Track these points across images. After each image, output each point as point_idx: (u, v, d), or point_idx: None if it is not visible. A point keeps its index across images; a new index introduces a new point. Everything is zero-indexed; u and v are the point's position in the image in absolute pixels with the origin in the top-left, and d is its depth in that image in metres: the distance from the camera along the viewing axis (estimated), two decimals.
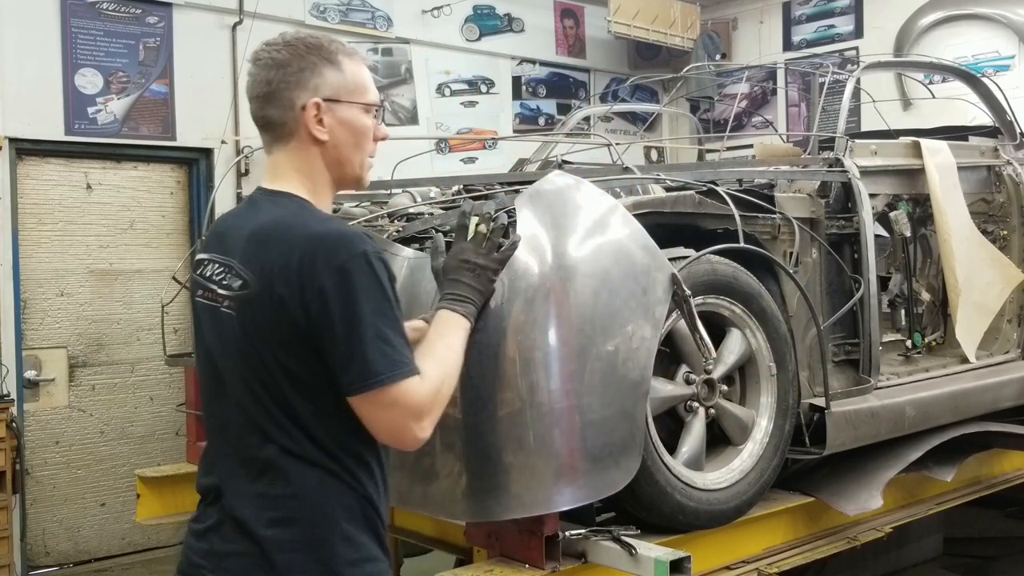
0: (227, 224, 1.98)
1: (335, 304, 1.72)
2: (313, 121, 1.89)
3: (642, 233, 2.75)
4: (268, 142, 1.96)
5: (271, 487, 1.81)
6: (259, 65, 1.91)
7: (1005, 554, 5.59)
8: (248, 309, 1.81)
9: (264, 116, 1.92)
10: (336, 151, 1.93)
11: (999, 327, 4.38)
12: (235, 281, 1.83)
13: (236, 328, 1.82)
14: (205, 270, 1.93)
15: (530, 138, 7.02)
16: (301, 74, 1.88)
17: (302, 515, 1.80)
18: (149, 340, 6.20)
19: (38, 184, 5.94)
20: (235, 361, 1.84)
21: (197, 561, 1.87)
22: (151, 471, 4.41)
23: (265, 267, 1.78)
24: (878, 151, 3.99)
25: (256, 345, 1.80)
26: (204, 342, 1.93)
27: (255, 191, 1.98)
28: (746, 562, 3.21)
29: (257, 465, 1.83)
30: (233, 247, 1.87)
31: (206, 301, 1.91)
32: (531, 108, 8.41)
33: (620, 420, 2.62)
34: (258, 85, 1.91)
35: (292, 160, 1.93)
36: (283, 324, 1.76)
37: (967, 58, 7.22)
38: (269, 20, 6.65)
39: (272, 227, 1.83)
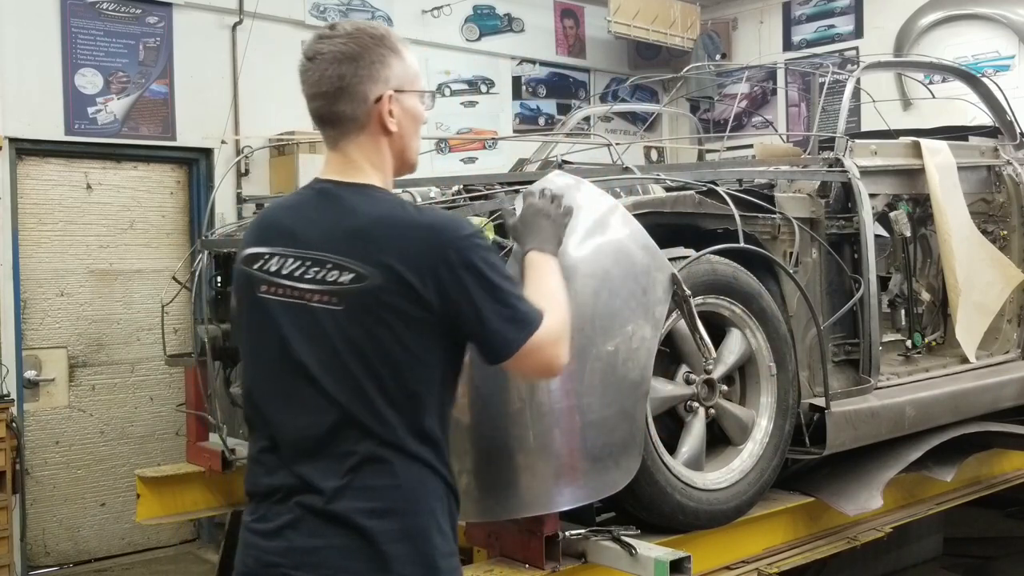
0: (293, 217, 1.93)
1: (472, 284, 1.80)
2: (386, 113, 1.91)
3: (642, 233, 2.75)
4: (334, 137, 1.95)
5: (372, 479, 1.81)
6: (325, 60, 1.88)
7: (1005, 554, 5.59)
8: (367, 301, 1.79)
9: (334, 112, 1.90)
10: (401, 140, 1.96)
11: (999, 327, 4.38)
12: (342, 275, 1.81)
13: (343, 322, 1.81)
14: (267, 264, 1.90)
15: (530, 138, 7.02)
16: (372, 67, 1.88)
17: (405, 506, 1.82)
18: (149, 340, 6.20)
19: (38, 184, 5.94)
20: (332, 356, 1.82)
21: (273, 560, 1.83)
22: (151, 471, 4.42)
23: (387, 259, 1.79)
24: (878, 151, 3.99)
25: (374, 336, 1.80)
26: (275, 338, 1.88)
27: (323, 183, 1.94)
28: (746, 562, 3.21)
29: (354, 459, 1.81)
30: (319, 241, 1.85)
31: (278, 297, 1.87)
32: (531, 108, 8.41)
33: (620, 420, 2.63)
34: (326, 81, 1.88)
35: (363, 152, 1.93)
36: (413, 310, 1.79)
37: (967, 58, 7.22)
38: (269, 20, 6.66)
39: (380, 221, 1.84)
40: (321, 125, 1.95)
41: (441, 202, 3.41)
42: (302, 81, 1.93)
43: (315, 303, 1.83)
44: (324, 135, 1.96)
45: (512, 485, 2.56)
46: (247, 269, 1.94)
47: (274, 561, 1.84)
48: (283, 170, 6.50)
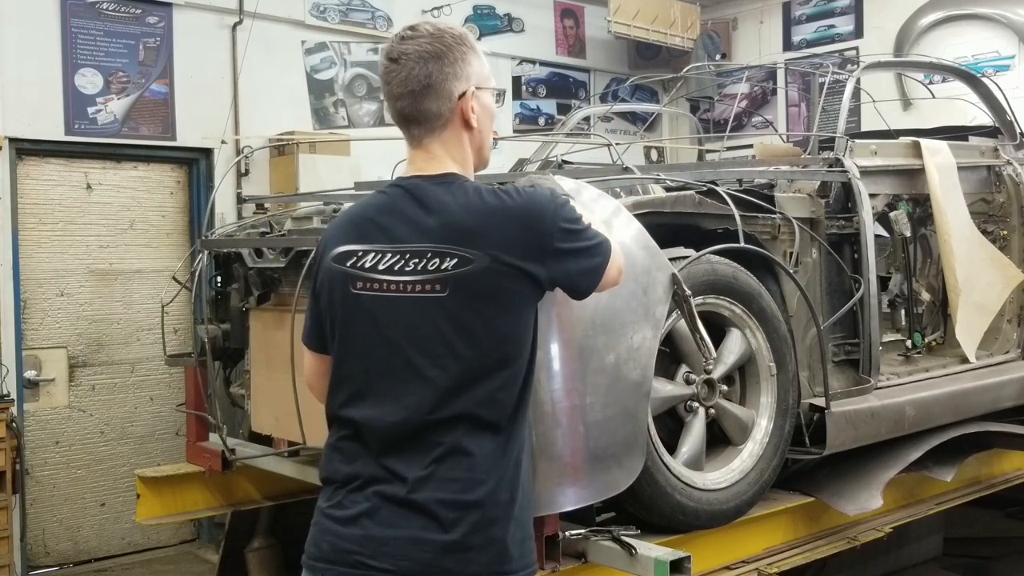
0: (383, 214, 1.97)
1: (570, 255, 1.94)
2: (469, 109, 1.98)
3: (642, 233, 2.74)
4: (418, 135, 2.00)
5: (454, 470, 1.85)
6: (410, 59, 1.93)
7: (1005, 554, 5.59)
8: (471, 283, 1.86)
9: (420, 109, 1.96)
10: (480, 136, 2.04)
11: (999, 327, 4.38)
12: (444, 261, 1.86)
13: (449, 307, 1.87)
14: (361, 261, 1.93)
15: (530, 138, 7.02)
16: (456, 65, 1.95)
17: (484, 497, 1.85)
18: (149, 340, 6.21)
19: (38, 184, 5.94)
20: (438, 344, 1.87)
21: (348, 547, 1.86)
22: (151, 471, 4.41)
23: (486, 246, 1.86)
24: (878, 151, 3.99)
25: (479, 314, 1.87)
26: (370, 334, 1.92)
27: (410, 180, 1.99)
28: (746, 562, 3.21)
29: (440, 449, 1.86)
30: (415, 235, 1.90)
31: (375, 292, 1.91)
32: (531, 108, 8.41)
33: (622, 420, 2.63)
34: (413, 80, 1.93)
35: (447, 147, 2.00)
36: (519, 287, 1.89)
37: (967, 58, 7.21)
38: (269, 20, 6.66)
39: (475, 211, 1.91)
40: (406, 124, 2.01)
41: None
42: (385, 82, 1.99)
43: (418, 293, 1.88)
44: (408, 134, 2.02)
45: None
46: (339, 267, 1.96)
47: (351, 548, 1.87)
48: (283, 170, 6.50)
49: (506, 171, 5.58)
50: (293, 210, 4.02)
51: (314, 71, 7.05)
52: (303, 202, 4.24)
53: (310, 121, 7.00)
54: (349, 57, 7.24)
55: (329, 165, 6.31)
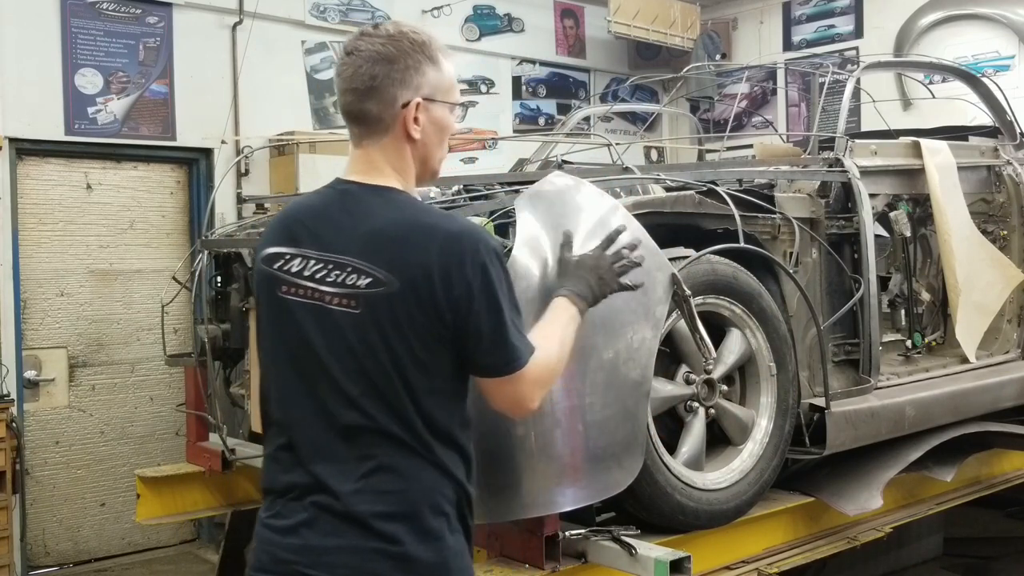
0: (315, 218, 1.93)
1: (482, 297, 1.82)
2: (411, 119, 1.92)
3: (642, 233, 2.74)
4: (358, 135, 1.96)
5: (387, 484, 1.83)
6: (361, 57, 1.89)
7: (1005, 554, 5.59)
8: (383, 306, 1.81)
9: (362, 109, 1.91)
10: (424, 148, 1.97)
11: (999, 327, 4.37)
12: (360, 279, 1.82)
13: (360, 325, 1.82)
14: (288, 265, 1.90)
15: (530, 138, 7.02)
16: (406, 72, 1.90)
17: (417, 509, 1.84)
18: (149, 340, 6.20)
19: (38, 184, 5.94)
20: (351, 358, 1.84)
21: (286, 557, 1.85)
22: (151, 471, 4.41)
23: (405, 265, 1.81)
24: (878, 151, 3.99)
25: (389, 341, 1.81)
26: (294, 339, 1.89)
27: (345, 184, 1.95)
28: (746, 562, 3.21)
29: (371, 463, 1.84)
30: (340, 244, 1.86)
31: (299, 298, 1.88)
32: (531, 108, 8.41)
33: (622, 420, 2.63)
34: (359, 78, 1.89)
35: (386, 154, 1.94)
36: (427, 318, 1.81)
37: (967, 58, 7.21)
38: (269, 20, 6.65)
39: (400, 226, 1.85)
40: (349, 121, 1.97)
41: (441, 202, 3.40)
42: (337, 75, 1.95)
43: (334, 305, 1.85)
44: (350, 132, 1.97)
45: (514, 486, 2.56)
46: (268, 268, 1.94)
47: (288, 558, 1.85)
48: (283, 170, 6.50)
49: (506, 171, 5.59)
50: None
51: (314, 71, 7.05)
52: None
53: (310, 121, 7.00)
54: None
55: (329, 165, 6.30)
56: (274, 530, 1.89)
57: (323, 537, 1.83)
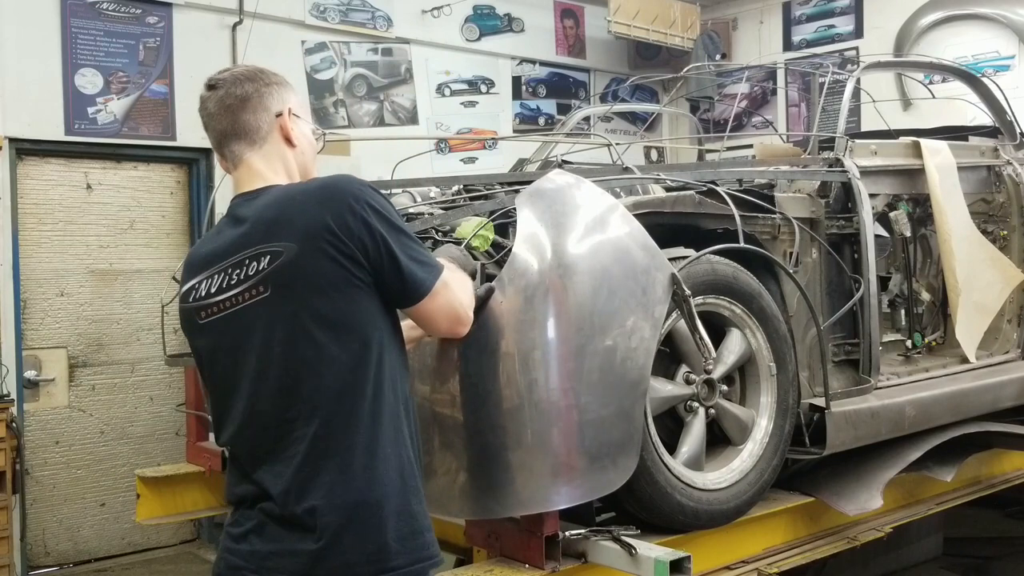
0: (210, 243, 2.02)
1: (380, 227, 1.85)
2: (288, 126, 2.07)
3: (642, 233, 2.75)
4: (237, 153, 2.07)
5: (316, 476, 1.84)
6: (225, 84, 2.08)
7: (1005, 554, 5.59)
8: (288, 274, 1.84)
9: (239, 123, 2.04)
10: (303, 156, 2.13)
11: (999, 327, 4.37)
12: (260, 262, 1.86)
13: (272, 304, 1.85)
14: (198, 291, 1.97)
15: (530, 138, 7.02)
16: (271, 87, 2.10)
17: (351, 498, 1.84)
18: (149, 340, 6.20)
19: (38, 184, 5.94)
20: (269, 351, 1.86)
21: (237, 563, 1.90)
22: (151, 471, 4.42)
23: (295, 228, 1.84)
24: (878, 151, 3.99)
25: (301, 306, 1.83)
26: (220, 355, 1.95)
27: (231, 204, 2.06)
28: (746, 562, 3.21)
29: (298, 457, 1.85)
30: (234, 248, 1.92)
31: (214, 316, 1.93)
32: (531, 108, 8.41)
33: (618, 419, 2.62)
34: (230, 97, 2.05)
35: (269, 162, 2.08)
36: (338, 266, 1.83)
37: (967, 58, 7.21)
38: (269, 20, 6.66)
39: (278, 201, 1.92)
40: (226, 142, 2.04)
41: (441, 202, 3.41)
42: (203, 110, 2.06)
43: (246, 302, 1.88)
44: (230, 154, 2.05)
45: (509, 483, 2.56)
46: (185, 305, 2.01)
47: (238, 564, 1.91)
48: None
49: (506, 171, 5.59)
50: None
51: (314, 71, 7.05)
52: None
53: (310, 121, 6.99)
54: (349, 57, 7.24)
55: (329, 165, 6.27)
56: (230, 538, 1.95)
57: (266, 542, 1.87)
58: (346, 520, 1.83)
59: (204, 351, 2.00)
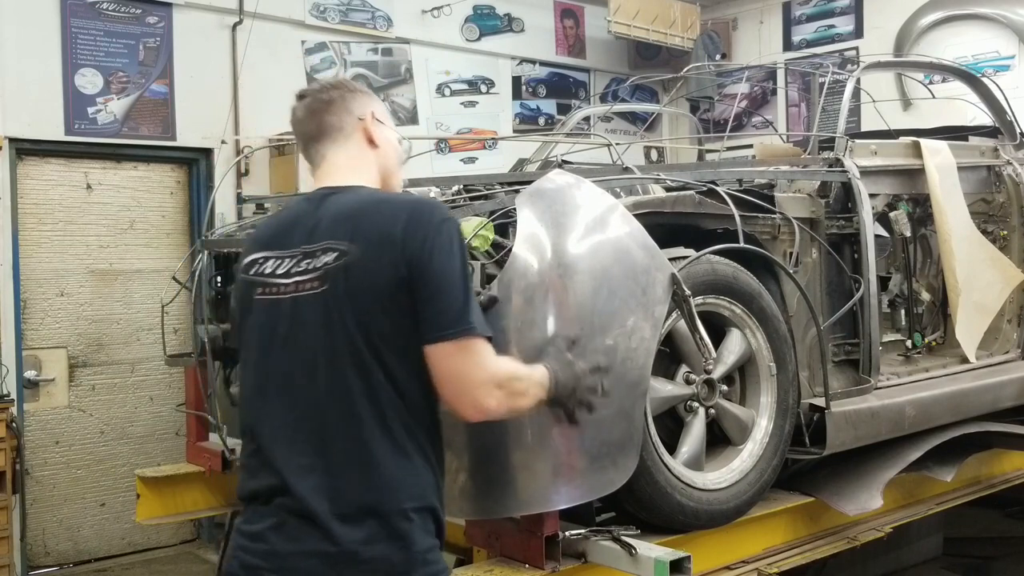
0: (285, 223, 2.03)
1: (437, 255, 1.86)
2: (371, 128, 2.11)
3: (642, 233, 2.75)
4: (321, 152, 2.10)
5: (350, 478, 1.84)
6: (313, 93, 2.11)
7: (1005, 554, 5.59)
8: (345, 275, 1.86)
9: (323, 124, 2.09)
10: (386, 159, 2.14)
11: (999, 327, 4.37)
12: (326, 256, 1.88)
13: (325, 302, 1.86)
14: (262, 267, 1.98)
15: (530, 138, 7.02)
16: (355, 94, 2.13)
17: (385, 504, 1.83)
18: (149, 340, 6.20)
19: (38, 184, 5.94)
20: (322, 345, 1.87)
21: (253, 562, 1.87)
22: (151, 471, 4.41)
23: (368, 233, 1.87)
24: (878, 151, 3.99)
25: (351, 311, 1.85)
26: (266, 338, 1.94)
27: (313, 192, 2.06)
28: (746, 562, 3.21)
29: (333, 455, 1.85)
30: (309, 236, 1.93)
31: (272, 296, 1.94)
32: (531, 108, 8.41)
33: (618, 420, 2.62)
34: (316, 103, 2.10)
35: (351, 160, 2.10)
36: (389, 281, 1.85)
37: (967, 58, 7.21)
38: (269, 20, 6.66)
39: (367, 202, 1.96)
40: (313, 144, 2.09)
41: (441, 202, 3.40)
42: (293, 117, 2.11)
43: (304, 291, 1.89)
44: (316, 154, 2.09)
45: (509, 483, 2.56)
46: (245, 276, 2.02)
47: (255, 564, 1.87)
48: (283, 170, 6.50)
49: (506, 171, 5.59)
50: None
51: (314, 71, 7.05)
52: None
53: None
54: (349, 57, 7.24)
55: None
56: (245, 536, 1.91)
57: (287, 541, 1.84)
58: (376, 525, 1.82)
59: (250, 327, 2.00)
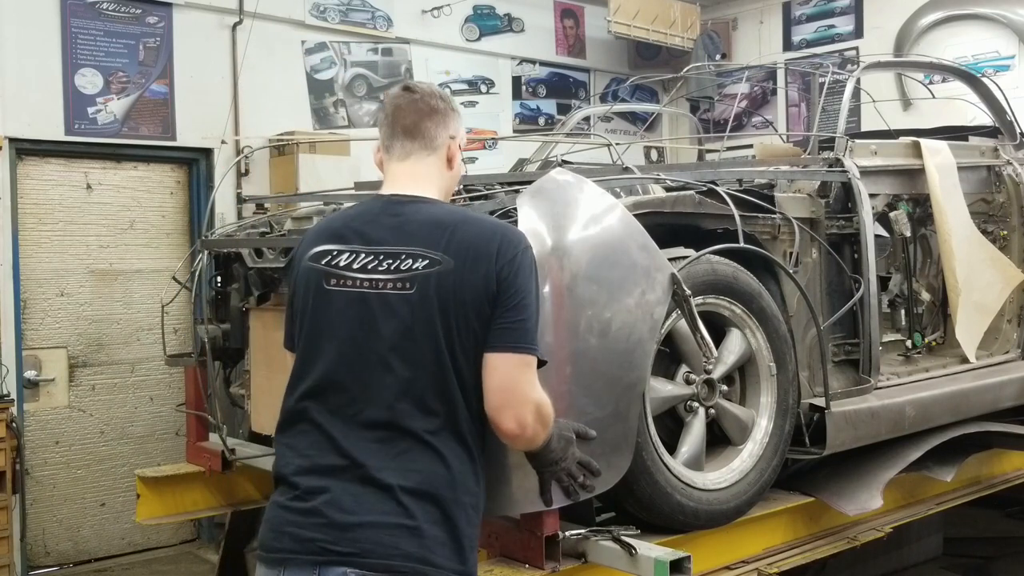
0: (362, 222, 2.10)
1: (522, 274, 2.02)
2: (456, 151, 2.27)
3: (642, 233, 2.75)
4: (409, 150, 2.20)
5: (419, 463, 1.94)
6: (424, 92, 2.22)
7: (1005, 554, 5.59)
8: (436, 283, 1.98)
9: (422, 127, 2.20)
10: (452, 182, 2.30)
11: (999, 327, 4.37)
12: (416, 262, 1.99)
13: (415, 305, 1.97)
14: (336, 260, 2.05)
15: (530, 138, 7.02)
16: (454, 114, 2.28)
17: (445, 492, 1.94)
18: (149, 340, 6.20)
19: (38, 184, 5.94)
20: (403, 338, 1.97)
21: (311, 535, 1.91)
22: (151, 471, 4.41)
23: (463, 247, 2.00)
24: (878, 151, 3.99)
25: (440, 316, 1.97)
26: (340, 328, 2.02)
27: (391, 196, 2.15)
28: (746, 562, 3.21)
29: (404, 442, 1.95)
30: (392, 239, 2.03)
31: (347, 288, 2.02)
32: (531, 108, 8.41)
33: (613, 421, 2.62)
34: (424, 104, 2.21)
35: (429, 171, 2.22)
36: (479, 292, 1.98)
37: (967, 58, 7.21)
38: (269, 20, 6.66)
39: (458, 216, 2.08)
40: (404, 136, 2.18)
41: None
42: (394, 106, 2.20)
43: (388, 290, 1.99)
44: (401, 148, 2.18)
45: (504, 482, 2.56)
46: (314, 265, 2.08)
47: (313, 536, 1.92)
48: (283, 170, 6.50)
49: (506, 171, 5.59)
50: (293, 210, 4.02)
51: (314, 71, 7.06)
52: (303, 202, 4.24)
53: (310, 121, 7.00)
54: (349, 57, 7.24)
55: (329, 165, 6.32)
56: (293, 511, 1.96)
57: (346, 514, 1.90)
58: (439, 512, 1.93)
59: (318, 313, 2.05)
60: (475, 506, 2.03)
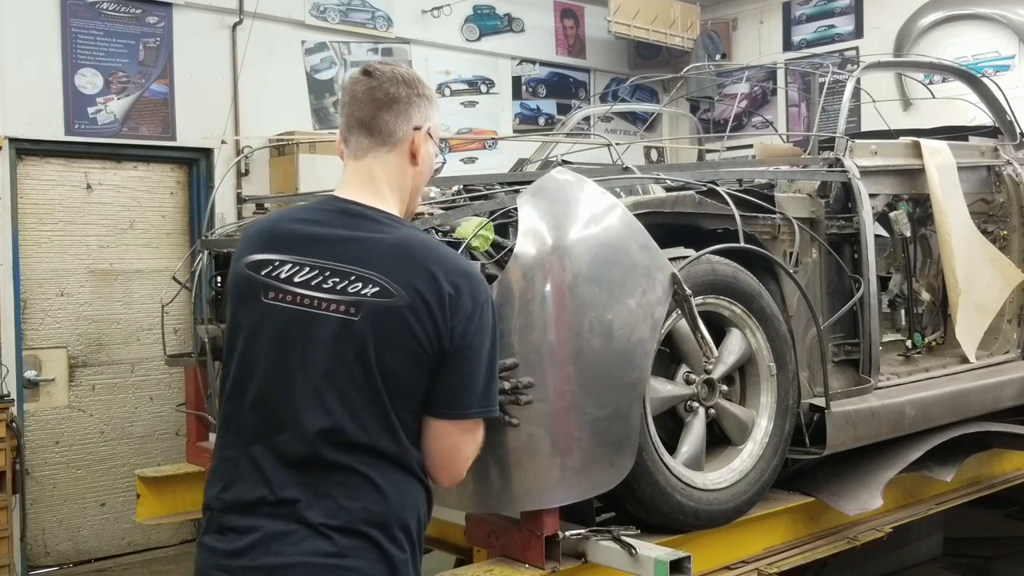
0: (311, 229, 1.91)
1: (479, 332, 1.85)
2: (420, 143, 2.00)
3: (642, 233, 2.75)
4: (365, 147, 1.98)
5: (347, 496, 1.80)
6: (383, 77, 1.97)
7: (1005, 554, 5.59)
8: (386, 316, 1.80)
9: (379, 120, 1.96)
10: (420, 178, 2.05)
11: (999, 327, 4.37)
12: (365, 287, 1.81)
13: (358, 333, 1.80)
14: (276, 271, 1.87)
15: (530, 138, 7.02)
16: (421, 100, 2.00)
17: (378, 527, 1.81)
18: (149, 340, 6.20)
19: (38, 184, 5.94)
20: (335, 364, 1.81)
21: None
22: (151, 471, 4.41)
23: (415, 282, 1.81)
24: (878, 151, 3.99)
25: (385, 351, 1.80)
26: (276, 345, 1.86)
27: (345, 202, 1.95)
28: (746, 562, 3.21)
29: (334, 475, 1.80)
30: (343, 254, 1.85)
31: (286, 304, 1.85)
32: (531, 108, 8.41)
33: (615, 420, 2.63)
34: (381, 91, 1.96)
35: (388, 172, 1.99)
36: (420, 338, 1.81)
37: (967, 58, 7.22)
38: (269, 20, 6.66)
39: (414, 246, 1.87)
40: (359, 131, 1.97)
41: (441, 202, 3.41)
42: (350, 92, 1.98)
43: (331, 312, 1.82)
44: (356, 144, 1.98)
45: (506, 481, 2.56)
46: (252, 275, 1.90)
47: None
48: (283, 170, 6.50)
49: (506, 171, 5.59)
50: None
51: (314, 71, 7.05)
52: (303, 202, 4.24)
53: (310, 121, 7.00)
54: (349, 57, 7.24)
55: (329, 165, 6.30)
56: (222, 554, 1.83)
57: (273, 556, 1.78)
58: (371, 541, 1.80)
59: (252, 327, 1.89)
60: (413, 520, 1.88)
